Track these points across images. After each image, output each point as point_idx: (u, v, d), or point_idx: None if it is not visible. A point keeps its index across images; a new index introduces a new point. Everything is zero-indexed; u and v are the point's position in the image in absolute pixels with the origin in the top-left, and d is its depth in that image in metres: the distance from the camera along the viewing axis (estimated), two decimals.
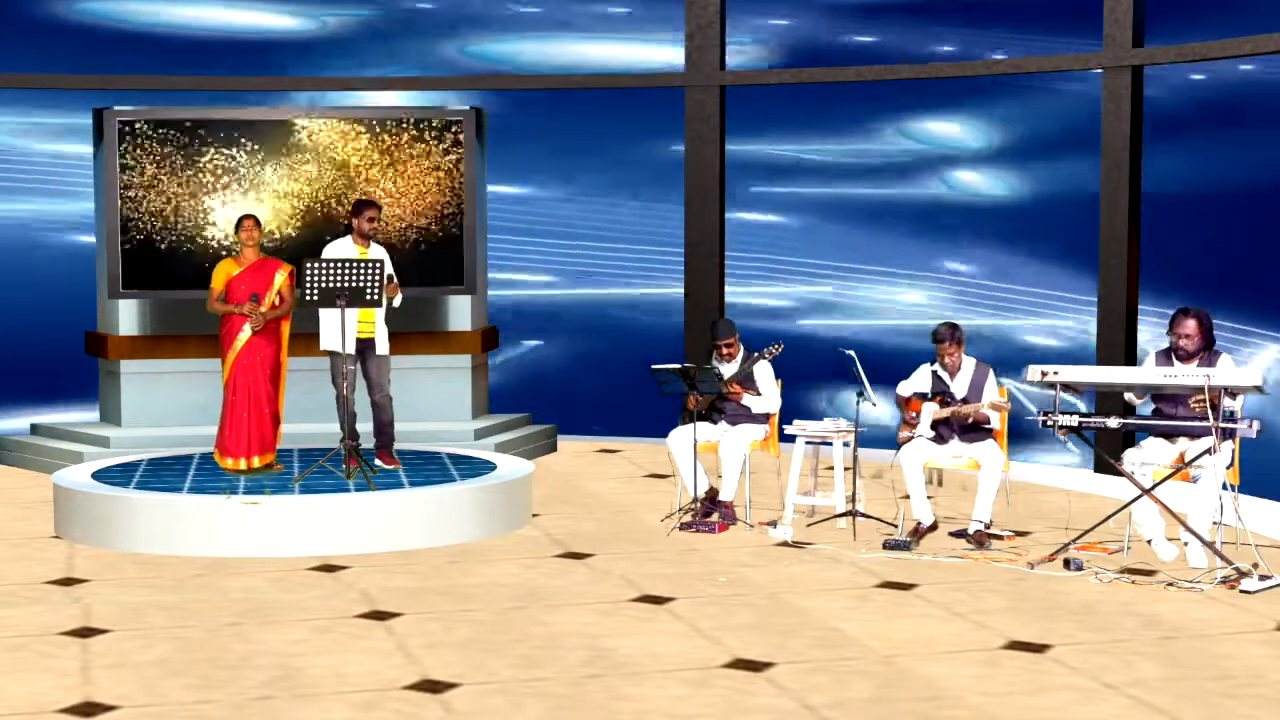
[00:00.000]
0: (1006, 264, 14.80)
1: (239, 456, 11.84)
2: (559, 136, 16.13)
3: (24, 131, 15.66)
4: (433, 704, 7.50)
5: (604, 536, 11.26)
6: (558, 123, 16.10)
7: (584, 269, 16.17)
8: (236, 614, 9.17)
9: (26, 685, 7.82)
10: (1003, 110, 15.14)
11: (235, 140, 14.02)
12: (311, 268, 11.37)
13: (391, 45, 15.90)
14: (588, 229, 16.16)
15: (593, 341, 16.15)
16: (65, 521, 11.39)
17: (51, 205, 15.69)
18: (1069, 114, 14.61)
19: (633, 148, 16.05)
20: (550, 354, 16.19)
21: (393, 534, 10.91)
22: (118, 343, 14.22)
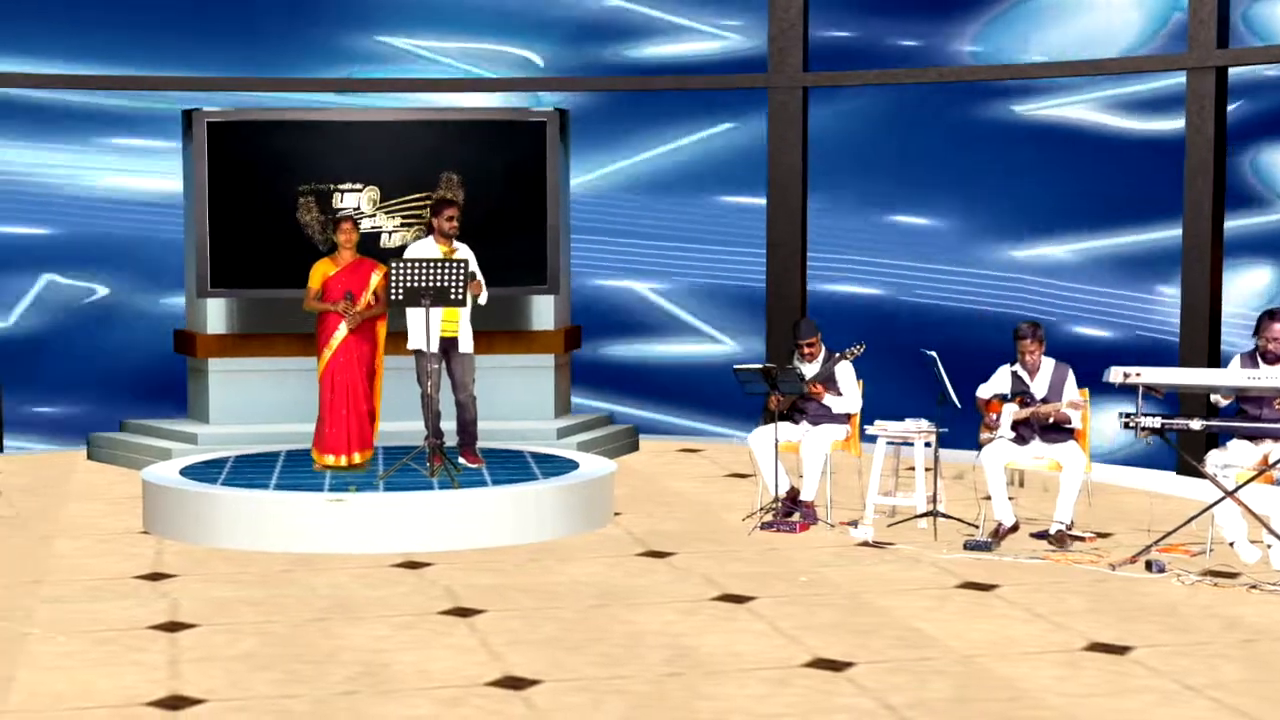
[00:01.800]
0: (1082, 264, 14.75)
1: (339, 453, 11.96)
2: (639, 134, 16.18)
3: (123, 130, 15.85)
4: (515, 700, 7.56)
5: (685, 535, 11.30)
6: (635, 121, 16.15)
7: (666, 269, 16.21)
8: (322, 610, 9.27)
9: (115, 679, 7.93)
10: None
11: (323, 140, 14.17)
12: (397, 268, 11.48)
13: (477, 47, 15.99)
14: (668, 229, 16.20)
15: (677, 337, 16.17)
16: (154, 517, 11.54)
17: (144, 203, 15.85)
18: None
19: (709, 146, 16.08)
20: (637, 353, 16.22)
21: (476, 531, 10.99)
22: (206, 341, 14.39)
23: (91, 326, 15.66)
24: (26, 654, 8.35)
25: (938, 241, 15.37)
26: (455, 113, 14.84)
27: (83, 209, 15.70)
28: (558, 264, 14.44)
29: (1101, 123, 14.62)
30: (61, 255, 15.62)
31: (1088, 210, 14.63)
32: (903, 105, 15.40)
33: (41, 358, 15.56)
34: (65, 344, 15.65)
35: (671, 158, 16.11)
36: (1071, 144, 14.74)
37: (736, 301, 15.95)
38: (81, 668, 8.11)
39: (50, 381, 15.65)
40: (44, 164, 15.61)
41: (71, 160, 15.66)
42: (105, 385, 15.66)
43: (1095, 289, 14.60)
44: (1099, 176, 14.53)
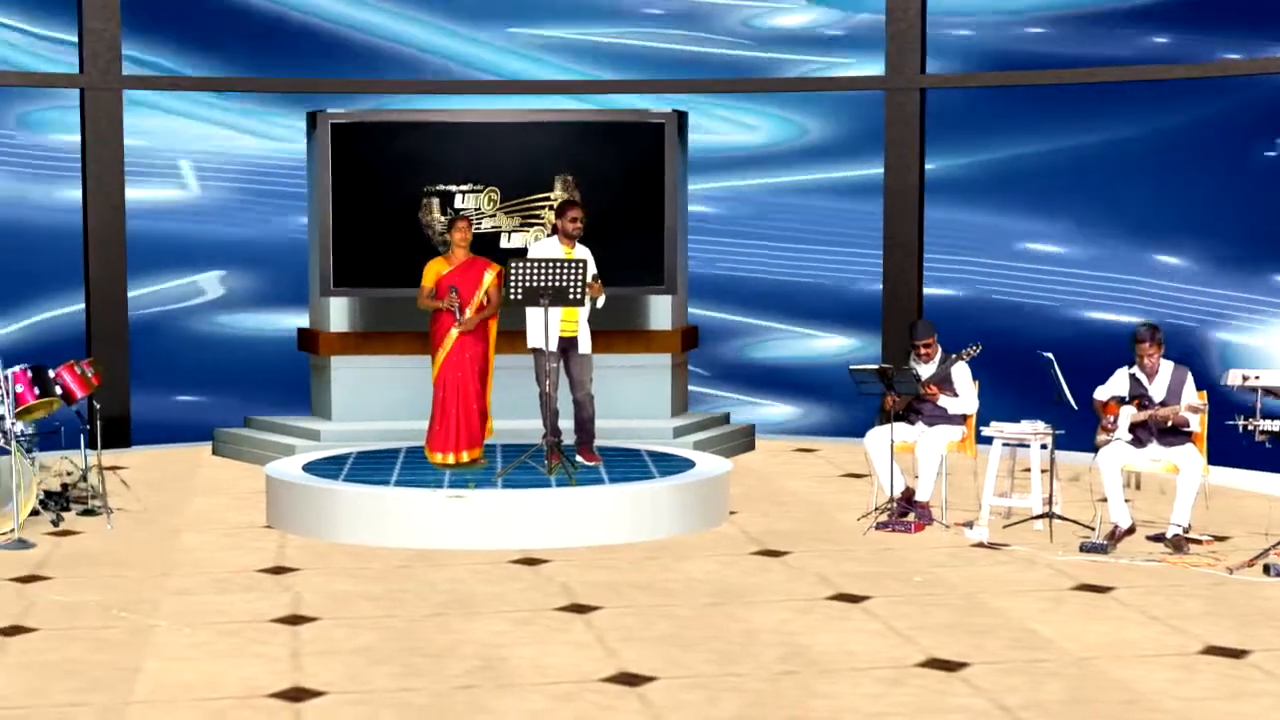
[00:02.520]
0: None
1: (448, 451, 12.08)
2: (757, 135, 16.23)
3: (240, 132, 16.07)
4: (630, 696, 7.62)
5: (800, 535, 11.33)
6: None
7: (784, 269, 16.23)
8: (440, 605, 9.37)
9: (239, 670, 8.07)
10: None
11: (442, 141, 14.31)
12: (516, 267, 11.58)
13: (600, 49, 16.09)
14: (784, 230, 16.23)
15: (792, 338, 16.19)
16: (277, 512, 11.71)
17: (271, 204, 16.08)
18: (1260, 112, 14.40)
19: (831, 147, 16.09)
20: (754, 353, 16.26)
21: (593, 529, 11.06)
22: (328, 339, 14.57)
23: (218, 323, 15.88)
24: (153, 645, 8.51)
25: (1054, 244, 15.30)
26: (574, 113, 14.93)
27: (213, 207, 15.97)
28: (675, 264, 14.50)
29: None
30: (191, 252, 15.87)
31: (1201, 215, 14.53)
32: (1021, 107, 15.35)
33: (168, 354, 15.81)
34: (192, 341, 15.90)
35: (792, 157, 16.14)
36: (1192, 150, 14.64)
37: (853, 302, 15.95)
38: (206, 659, 8.25)
39: (177, 378, 15.89)
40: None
41: (205, 159, 15.94)
42: (230, 382, 15.88)
43: (1212, 291, 14.48)
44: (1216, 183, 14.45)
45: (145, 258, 15.50)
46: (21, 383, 11.72)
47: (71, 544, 11.14)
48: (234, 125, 15.98)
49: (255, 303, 15.92)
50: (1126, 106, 14.92)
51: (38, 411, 11.95)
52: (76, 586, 9.85)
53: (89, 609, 9.29)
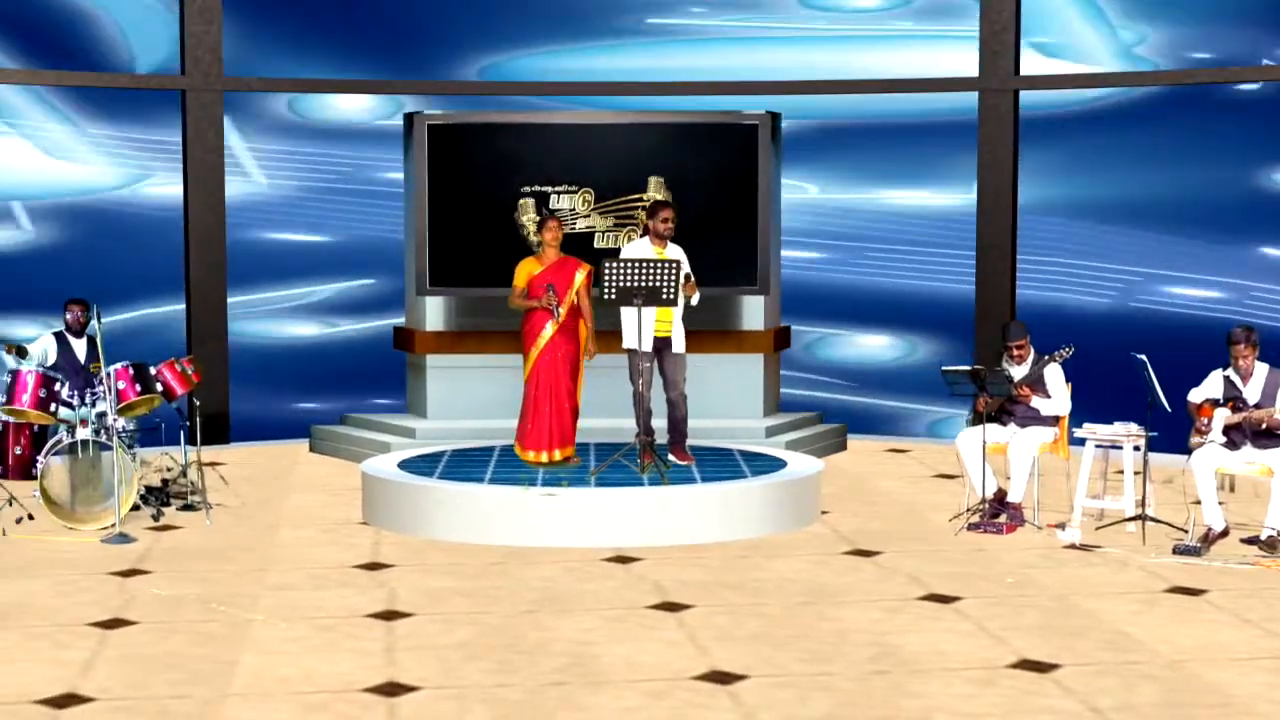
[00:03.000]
0: None
1: (540, 450, 12.15)
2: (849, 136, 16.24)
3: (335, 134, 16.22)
4: (721, 694, 7.65)
5: (892, 535, 11.34)
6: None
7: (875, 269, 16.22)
8: (534, 602, 9.43)
9: (334, 665, 8.15)
10: None
11: (538, 142, 14.40)
12: (610, 267, 11.64)
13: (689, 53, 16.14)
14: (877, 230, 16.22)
15: (883, 339, 16.17)
16: (373, 508, 11.83)
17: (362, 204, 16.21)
18: None
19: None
20: (846, 353, 16.26)
21: (685, 527, 11.11)
22: (424, 338, 14.70)
23: (315, 322, 16.03)
24: (251, 639, 8.61)
25: (1149, 246, 15.22)
26: (668, 115, 14.98)
27: (309, 207, 16.11)
28: (768, 264, 14.53)
29: None
30: (291, 254, 16.05)
31: None
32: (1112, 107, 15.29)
33: (266, 353, 15.98)
34: (289, 339, 16.06)
35: (884, 157, 16.13)
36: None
37: (945, 303, 15.91)
38: (303, 653, 8.34)
39: (276, 375, 16.06)
40: (274, 163, 16.07)
41: (301, 160, 16.08)
42: (327, 380, 16.04)
43: None
44: None
45: (244, 256, 15.68)
46: (123, 379, 11.90)
47: (171, 539, 11.29)
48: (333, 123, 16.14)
49: (353, 301, 16.05)
50: (1217, 108, 14.86)
51: (139, 408, 12.14)
52: (176, 581, 9.99)
53: (188, 603, 9.41)
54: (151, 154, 15.65)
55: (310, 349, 16.07)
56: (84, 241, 15.31)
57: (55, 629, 8.83)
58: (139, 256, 15.47)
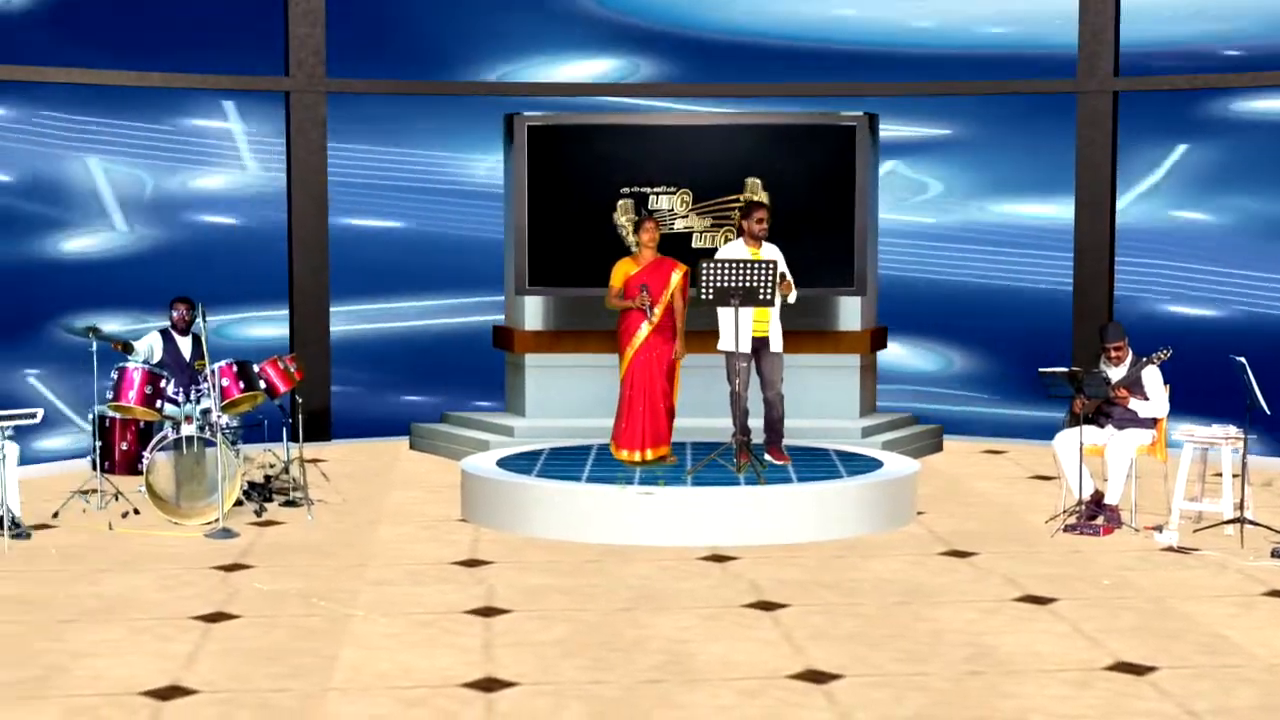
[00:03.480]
0: None
1: (634, 449, 12.21)
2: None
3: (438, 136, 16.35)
4: (816, 693, 7.67)
5: (988, 536, 11.32)
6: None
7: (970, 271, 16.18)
8: (630, 599, 9.49)
9: (433, 660, 8.24)
10: None
11: (636, 143, 14.46)
12: (707, 268, 11.69)
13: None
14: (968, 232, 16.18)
15: (980, 341, 16.13)
16: (472, 506, 11.92)
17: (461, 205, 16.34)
18: None
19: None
20: (940, 354, 16.22)
21: (781, 527, 11.14)
22: (523, 337, 14.80)
23: (415, 320, 16.15)
24: (351, 634, 8.72)
25: (1251, 249, 15.11)
26: (767, 116, 15.00)
27: (414, 208, 16.26)
28: (865, 265, 14.53)
29: None
30: (392, 253, 16.20)
31: None
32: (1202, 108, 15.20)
33: (367, 351, 16.13)
34: (390, 337, 16.20)
35: (974, 158, 16.09)
36: None
37: (1042, 305, 15.85)
38: (402, 649, 8.44)
39: (376, 373, 16.21)
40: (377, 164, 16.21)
41: (402, 161, 16.23)
42: (427, 378, 16.17)
43: None
44: None
45: (346, 257, 15.84)
46: (227, 377, 12.05)
47: (273, 534, 11.44)
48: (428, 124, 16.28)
49: (454, 301, 16.15)
50: None
51: (242, 405, 12.29)
52: (278, 576, 10.12)
53: (289, 598, 9.54)
54: (255, 155, 15.83)
55: (410, 348, 16.20)
56: (188, 242, 15.50)
57: (159, 622, 8.97)
58: (242, 258, 15.65)
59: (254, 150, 15.78)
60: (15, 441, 11.35)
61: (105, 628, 8.86)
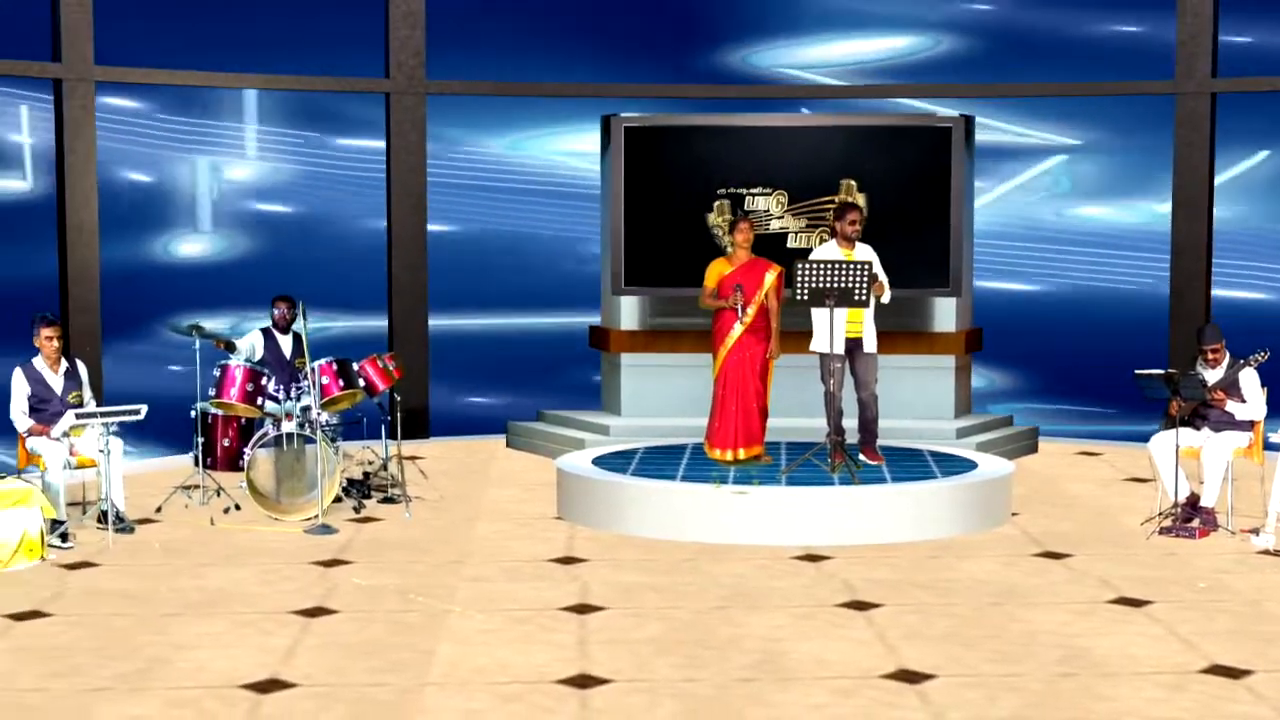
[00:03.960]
0: None
1: (727, 448, 12.25)
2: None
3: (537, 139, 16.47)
4: (910, 693, 7.69)
5: (1082, 537, 11.28)
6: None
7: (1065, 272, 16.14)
8: (724, 598, 9.53)
9: (528, 656, 8.32)
10: None
11: (732, 145, 14.51)
12: (802, 269, 11.73)
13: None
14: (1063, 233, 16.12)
15: (1075, 342, 16.07)
16: (567, 504, 12.01)
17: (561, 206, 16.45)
18: None
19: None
20: (1034, 354, 16.18)
21: (875, 527, 11.15)
22: (619, 336, 14.88)
23: (512, 319, 16.26)
24: (448, 630, 8.82)
25: None
26: (862, 117, 15.01)
27: (510, 208, 16.38)
28: (960, 267, 14.51)
29: None
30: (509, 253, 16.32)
31: None
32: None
33: (465, 350, 16.26)
34: (487, 336, 16.32)
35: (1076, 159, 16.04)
36: None
37: (1138, 307, 15.77)
38: (498, 644, 8.52)
39: (474, 372, 16.34)
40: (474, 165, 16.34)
41: (499, 161, 16.37)
42: (524, 377, 16.28)
43: None
44: None
45: (443, 256, 15.97)
46: (327, 375, 12.19)
47: (372, 530, 11.57)
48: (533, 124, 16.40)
49: (549, 300, 16.26)
50: None
51: (342, 403, 12.44)
52: (376, 571, 10.24)
53: (387, 593, 9.65)
54: (354, 156, 16.01)
55: (507, 346, 16.32)
56: (291, 241, 15.68)
57: (260, 616, 9.11)
58: (342, 256, 15.83)
59: (352, 151, 15.94)
60: (119, 436, 11.55)
61: (207, 621, 9.01)
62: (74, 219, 14.45)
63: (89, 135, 14.49)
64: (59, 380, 11.66)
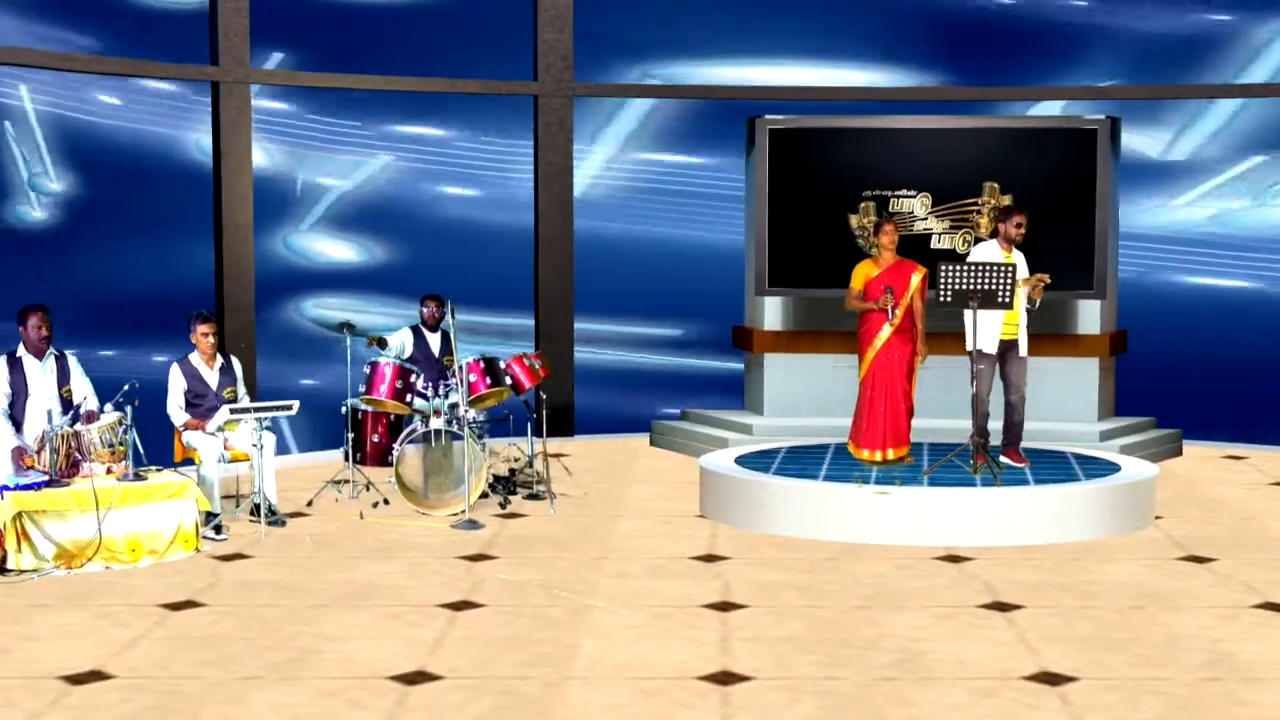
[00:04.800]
0: None
1: (874, 449, 12.28)
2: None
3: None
4: (1050, 695, 7.68)
5: (1227, 542, 11.17)
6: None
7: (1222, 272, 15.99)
8: (865, 597, 9.56)
9: (670, 653, 8.39)
10: None
11: (876, 147, 14.53)
12: (946, 270, 11.72)
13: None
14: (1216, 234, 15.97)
15: (1222, 345, 15.91)
16: (710, 502, 12.08)
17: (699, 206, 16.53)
18: None
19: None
20: (1178, 357, 16.04)
21: (1017, 528, 11.13)
22: (762, 337, 14.94)
23: (656, 320, 16.35)
24: (591, 625, 8.92)
25: None
26: (1006, 119, 14.95)
27: (655, 209, 16.48)
28: (1105, 268, 14.42)
29: None
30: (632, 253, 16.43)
31: None
32: None
33: (611, 348, 16.37)
34: (632, 335, 16.42)
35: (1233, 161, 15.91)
36: None
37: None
38: (640, 641, 8.61)
39: (618, 371, 16.46)
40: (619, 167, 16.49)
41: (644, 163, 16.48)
42: (668, 376, 16.38)
43: None
44: None
45: (589, 256, 16.11)
46: (475, 372, 12.36)
47: (517, 526, 11.71)
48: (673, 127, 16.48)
49: (692, 300, 16.33)
50: None
51: (489, 400, 12.60)
52: (520, 566, 10.37)
53: (532, 588, 9.77)
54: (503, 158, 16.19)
55: (652, 346, 16.43)
56: (436, 243, 15.88)
57: (407, 609, 9.27)
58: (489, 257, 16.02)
59: (502, 153, 16.11)
60: (272, 431, 11.79)
61: (355, 613, 9.18)
62: (230, 219, 14.74)
63: (245, 136, 14.78)
64: (214, 376, 11.91)
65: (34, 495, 10.30)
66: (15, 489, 10.30)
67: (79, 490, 10.40)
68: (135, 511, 10.53)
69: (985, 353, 11.98)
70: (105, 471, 10.63)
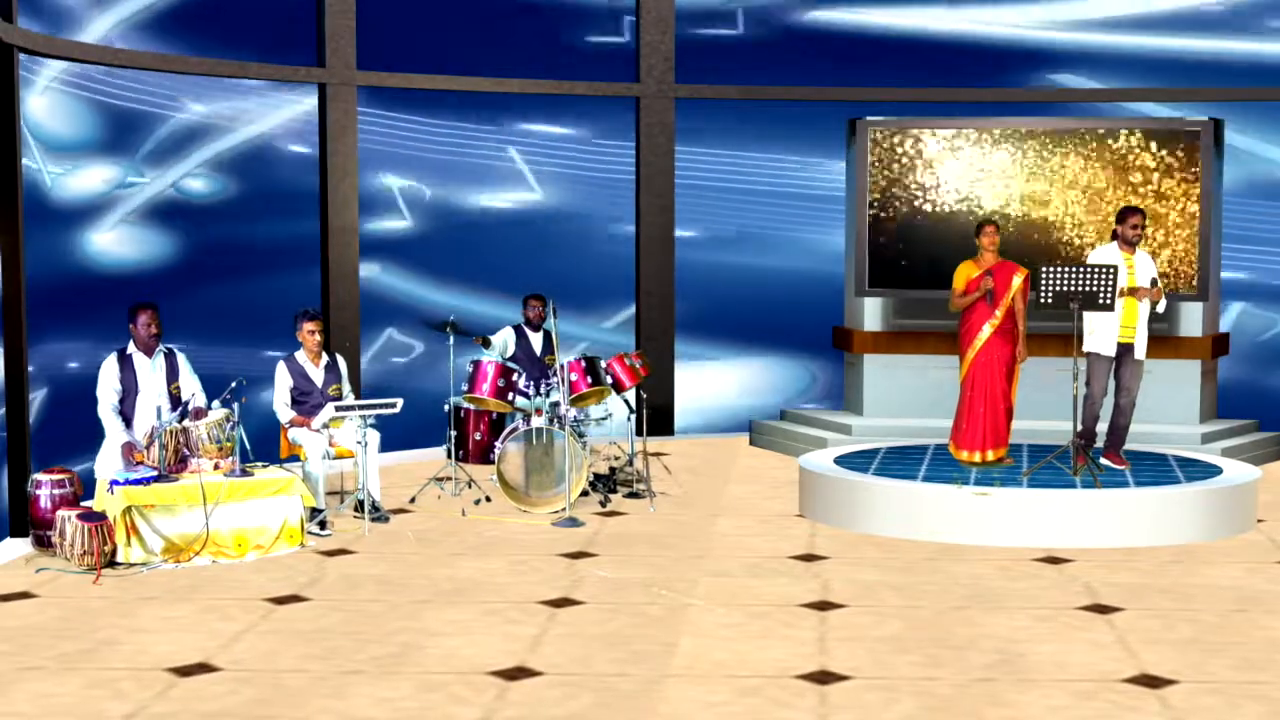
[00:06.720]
0: None
1: (974, 450, 12.27)
2: None
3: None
4: (1150, 698, 7.65)
5: None
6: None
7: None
8: (964, 598, 9.55)
9: (768, 651, 8.43)
10: None
11: (974, 149, 14.51)
12: (1047, 272, 11.70)
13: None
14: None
15: None
16: (809, 501, 12.11)
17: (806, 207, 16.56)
18: None
19: None
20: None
21: (1117, 530, 11.09)
22: (862, 337, 14.95)
23: (756, 322, 16.39)
24: (689, 623, 8.97)
25: None
26: (1106, 122, 14.90)
27: (756, 210, 16.53)
28: (1207, 271, 14.34)
29: None
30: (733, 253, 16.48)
31: None
32: None
33: (709, 347, 16.43)
34: (731, 336, 16.48)
35: None
36: None
37: None
38: (739, 639, 8.65)
39: (717, 371, 16.50)
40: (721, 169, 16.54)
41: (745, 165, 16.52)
42: (768, 376, 16.41)
43: None
44: None
45: (689, 257, 16.18)
46: (576, 372, 12.45)
47: (617, 524, 11.79)
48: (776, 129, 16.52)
49: (791, 301, 16.34)
50: None
51: (590, 399, 12.68)
52: (620, 564, 10.44)
53: (631, 586, 9.84)
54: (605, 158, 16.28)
55: (751, 347, 16.47)
56: (534, 244, 16.00)
57: (508, 605, 9.36)
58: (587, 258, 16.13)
59: (606, 155, 16.21)
60: (377, 429, 11.93)
61: (457, 609, 9.28)
62: (336, 220, 14.90)
63: (351, 139, 14.94)
64: (319, 373, 12.06)
65: (143, 490, 10.48)
66: (125, 484, 10.49)
67: (187, 485, 10.58)
68: (241, 507, 10.69)
69: (1102, 355, 11.95)
70: (213, 467, 10.80)
